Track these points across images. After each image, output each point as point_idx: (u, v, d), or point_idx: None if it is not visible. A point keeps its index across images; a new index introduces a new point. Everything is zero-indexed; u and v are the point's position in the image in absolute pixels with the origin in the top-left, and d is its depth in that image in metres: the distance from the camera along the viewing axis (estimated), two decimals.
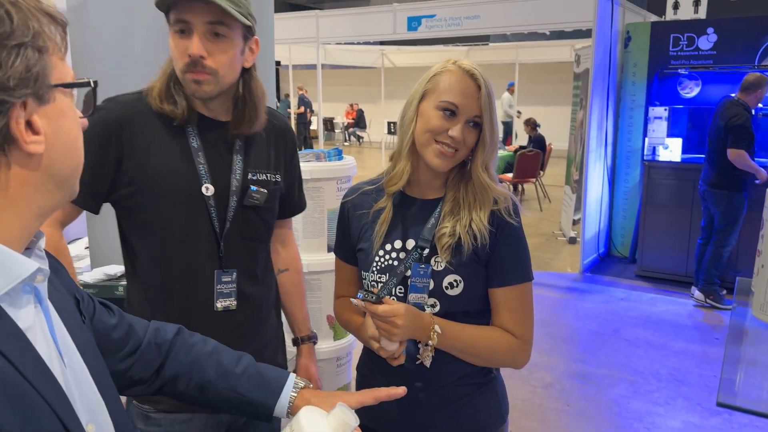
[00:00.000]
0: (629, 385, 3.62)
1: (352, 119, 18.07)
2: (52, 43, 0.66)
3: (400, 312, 1.25)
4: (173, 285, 1.43)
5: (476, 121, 1.32)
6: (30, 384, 0.63)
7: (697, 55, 5.61)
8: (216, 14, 1.31)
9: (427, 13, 6.41)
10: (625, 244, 6.24)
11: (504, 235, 1.34)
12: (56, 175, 0.69)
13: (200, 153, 1.42)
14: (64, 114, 0.68)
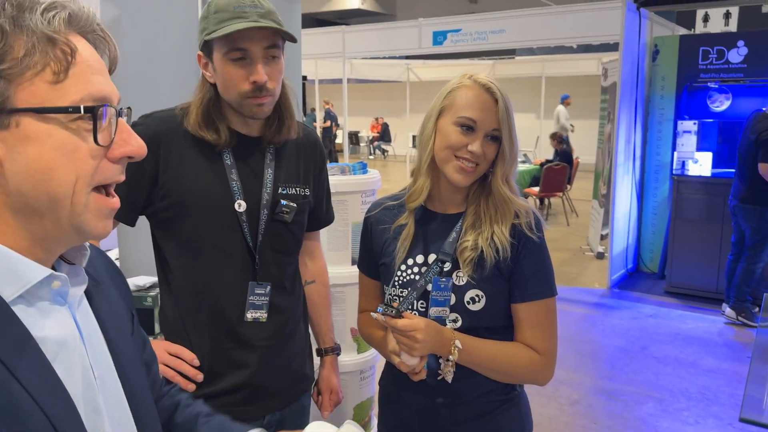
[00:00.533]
0: (658, 404, 3.55)
1: (377, 133, 18.16)
2: (34, 66, 0.64)
3: (420, 326, 1.25)
4: (205, 296, 1.46)
5: (495, 135, 1.32)
6: (24, 389, 0.63)
7: (727, 68, 5.53)
8: (272, 38, 1.37)
9: (453, 28, 6.44)
10: (654, 260, 6.14)
11: (526, 249, 1.34)
12: (28, 205, 0.66)
13: (233, 170, 1.45)
14: (32, 140, 0.65)
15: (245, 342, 1.49)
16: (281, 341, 1.54)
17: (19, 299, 0.66)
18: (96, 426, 0.72)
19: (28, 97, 0.64)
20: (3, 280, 0.65)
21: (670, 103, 5.86)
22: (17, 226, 0.67)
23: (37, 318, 0.68)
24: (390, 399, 1.51)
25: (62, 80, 0.66)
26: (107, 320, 0.80)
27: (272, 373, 1.51)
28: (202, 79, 1.45)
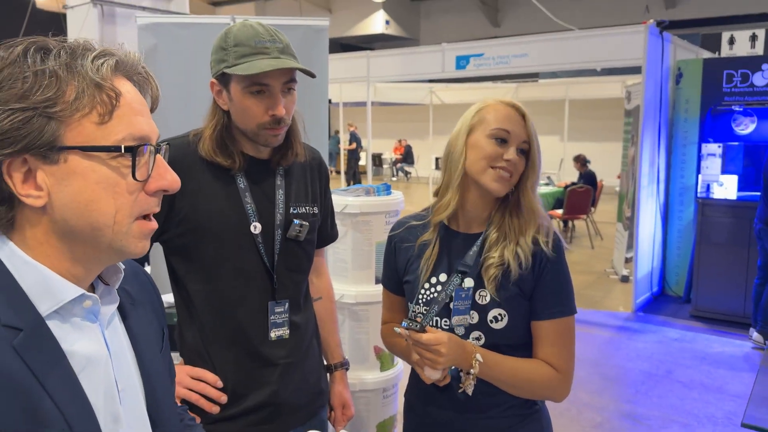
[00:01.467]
0: (682, 428, 3.51)
1: (400, 155, 18.29)
2: (82, 108, 0.71)
3: (443, 340, 1.30)
4: (226, 318, 1.49)
5: (524, 148, 1.39)
6: (50, 398, 0.70)
7: (752, 91, 5.52)
8: (290, 74, 1.43)
9: (476, 52, 6.53)
10: (679, 283, 6.08)
11: (547, 269, 1.38)
12: (72, 231, 0.74)
13: (247, 193, 1.50)
14: (77, 174, 0.72)
15: (267, 360, 1.52)
16: (299, 358, 1.58)
17: (54, 314, 0.74)
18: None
19: (76, 137, 0.72)
20: (40, 296, 0.73)
21: (694, 125, 5.85)
22: (62, 248, 0.75)
23: (69, 333, 0.75)
24: (414, 412, 1.55)
25: (107, 121, 0.73)
26: (139, 337, 0.87)
27: (293, 389, 1.55)
28: (214, 106, 1.48)
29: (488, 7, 17.06)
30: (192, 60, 3.04)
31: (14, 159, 0.70)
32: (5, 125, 0.69)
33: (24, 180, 0.71)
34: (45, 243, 0.75)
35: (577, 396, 3.92)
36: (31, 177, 0.72)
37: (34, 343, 0.71)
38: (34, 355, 0.70)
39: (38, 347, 0.71)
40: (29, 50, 0.71)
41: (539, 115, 14.70)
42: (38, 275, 0.74)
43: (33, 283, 0.73)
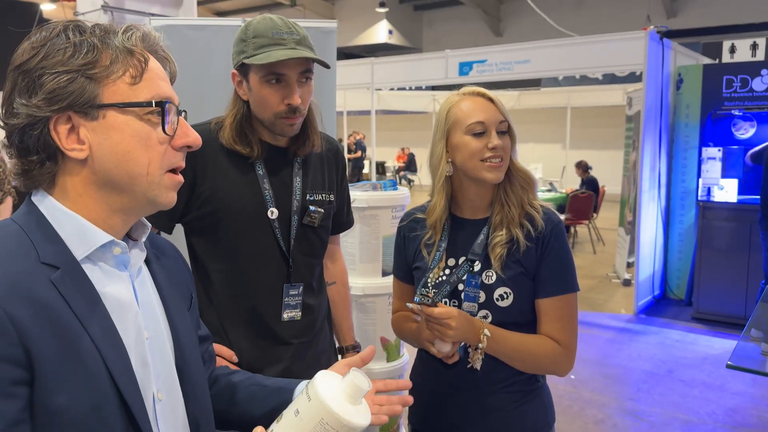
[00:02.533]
0: (684, 425, 3.55)
1: (403, 163, 18.37)
2: (117, 71, 0.82)
3: (453, 314, 1.37)
4: (243, 298, 1.57)
5: (504, 129, 1.46)
6: (90, 337, 0.78)
7: (752, 96, 5.59)
8: (306, 64, 1.48)
9: (479, 59, 6.62)
10: (680, 287, 6.13)
11: (549, 249, 1.45)
12: (112, 181, 0.83)
13: (265, 179, 1.57)
14: (114, 129, 0.82)
15: (281, 339, 1.60)
16: (312, 338, 1.66)
17: (86, 260, 0.83)
18: (143, 378, 0.85)
19: (112, 96, 0.82)
20: (75, 243, 0.82)
21: (694, 130, 5.92)
22: (99, 199, 0.85)
23: (101, 277, 0.84)
24: (421, 391, 1.61)
25: (138, 82, 0.84)
26: (167, 294, 0.96)
27: (305, 368, 1.61)
28: (235, 96, 1.56)
29: (491, 17, 17.20)
30: (204, 61, 3.13)
31: (60, 116, 0.80)
32: (52, 85, 0.79)
33: (68, 135, 0.81)
34: (84, 194, 0.84)
35: (579, 394, 3.97)
36: (74, 133, 0.82)
37: (70, 281, 0.79)
38: (70, 292, 0.78)
39: (74, 285, 0.79)
40: (68, 28, 0.83)
41: (541, 123, 14.81)
42: (74, 223, 0.83)
43: (69, 231, 0.82)
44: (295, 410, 0.86)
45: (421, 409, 1.61)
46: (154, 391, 0.87)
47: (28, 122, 0.80)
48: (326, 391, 0.85)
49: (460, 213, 1.55)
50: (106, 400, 0.78)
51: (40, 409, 0.73)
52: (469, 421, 1.49)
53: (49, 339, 0.74)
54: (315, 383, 0.86)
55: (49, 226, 0.82)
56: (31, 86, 0.79)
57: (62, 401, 0.74)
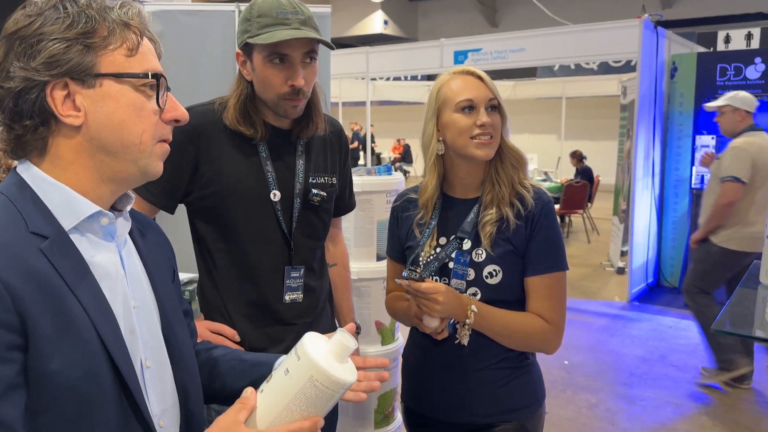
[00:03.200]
0: (676, 408, 3.59)
1: (398, 154, 18.37)
2: (114, 42, 0.84)
3: (441, 290, 1.38)
4: (245, 279, 1.57)
5: (493, 105, 1.47)
6: (80, 304, 0.79)
7: (745, 84, 5.60)
8: (310, 44, 1.46)
9: (474, 47, 6.62)
10: (674, 274, 6.17)
11: (538, 227, 1.46)
12: (105, 148, 0.85)
13: (268, 162, 1.56)
14: (110, 97, 0.84)
15: (283, 320, 1.60)
16: (314, 319, 1.66)
17: (74, 230, 0.84)
18: (132, 345, 0.86)
19: (109, 66, 0.84)
20: (62, 213, 0.83)
21: (688, 118, 5.94)
22: (91, 167, 0.86)
23: (88, 248, 0.85)
24: (412, 369, 1.63)
25: (134, 55, 0.86)
26: (150, 264, 0.97)
27: None
28: (239, 76, 1.54)
29: (486, 7, 17.16)
30: (198, 46, 3.12)
31: (57, 82, 0.82)
32: (51, 51, 0.80)
33: (64, 102, 0.82)
34: (75, 162, 0.85)
35: (573, 379, 4.00)
36: (69, 99, 0.83)
37: (59, 250, 0.80)
38: (60, 261, 0.80)
39: (63, 254, 0.81)
40: (64, 0, 0.84)
41: (536, 114, 14.81)
42: (61, 194, 0.84)
43: (56, 202, 0.84)
44: (284, 370, 0.88)
45: (412, 387, 1.63)
46: (142, 358, 0.89)
47: (24, 86, 0.81)
48: (315, 349, 0.87)
49: (452, 192, 1.56)
50: (98, 366, 0.79)
51: (35, 374, 0.75)
52: (458, 398, 1.51)
53: (41, 305, 0.75)
54: (304, 343, 0.88)
55: (36, 196, 0.83)
56: (29, 51, 0.80)
57: (56, 366, 0.75)
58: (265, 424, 0.86)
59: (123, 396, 0.82)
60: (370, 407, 2.60)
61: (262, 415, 0.86)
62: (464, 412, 1.51)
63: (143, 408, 0.85)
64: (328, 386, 0.85)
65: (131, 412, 0.84)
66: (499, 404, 1.50)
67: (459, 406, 1.51)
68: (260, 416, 0.86)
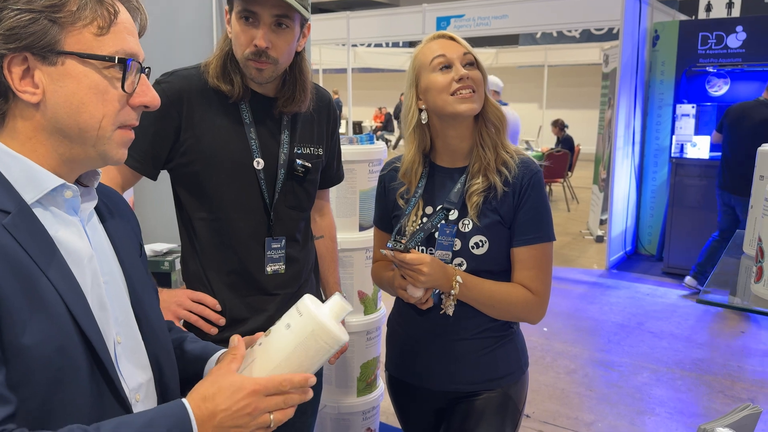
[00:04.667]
0: (652, 374, 3.68)
1: (380, 123, 18.25)
2: (83, 19, 0.79)
3: (425, 260, 1.37)
4: (226, 249, 1.55)
5: (470, 60, 1.45)
6: (49, 281, 0.77)
7: (726, 53, 5.62)
8: (283, 8, 1.41)
9: (456, 13, 6.53)
10: (652, 242, 6.26)
11: (526, 197, 1.45)
12: (62, 129, 0.81)
13: (252, 129, 1.53)
14: (72, 77, 0.79)
15: (265, 290, 1.58)
16: (297, 289, 1.64)
17: (37, 204, 0.81)
18: (102, 320, 0.85)
19: (75, 44, 0.79)
20: (24, 186, 0.80)
21: (669, 87, 5.96)
22: (49, 146, 0.82)
23: (53, 222, 0.82)
24: (396, 338, 1.63)
25: (104, 34, 0.81)
26: (117, 239, 0.95)
27: None
28: (225, 32, 1.52)
29: None
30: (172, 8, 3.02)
31: (16, 56, 0.77)
32: (12, 23, 0.76)
33: (22, 77, 0.78)
34: (33, 138, 0.81)
35: (551, 345, 4.07)
36: (29, 75, 0.79)
37: (23, 225, 0.78)
38: (24, 236, 0.77)
39: (27, 229, 0.78)
40: None
41: (518, 83, 14.72)
42: (23, 167, 0.81)
43: (18, 175, 0.80)
44: (285, 324, 0.91)
45: (396, 356, 1.63)
46: (114, 334, 0.87)
47: None
48: (317, 307, 0.92)
49: (440, 161, 1.54)
50: (69, 341, 0.78)
51: (10, 348, 0.73)
52: (442, 367, 1.52)
53: (10, 281, 0.73)
54: (305, 302, 0.93)
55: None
56: None
57: (28, 341, 0.74)
58: (264, 374, 0.87)
59: (96, 370, 0.81)
60: (352, 375, 2.61)
61: (261, 364, 0.89)
62: (448, 380, 1.52)
63: (117, 383, 0.84)
64: (326, 341, 0.90)
65: (106, 387, 0.83)
66: (483, 372, 1.51)
67: (443, 374, 1.52)
68: (258, 366, 0.89)
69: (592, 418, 3.17)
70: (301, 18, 1.47)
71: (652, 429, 3.07)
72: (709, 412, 3.24)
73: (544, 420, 3.13)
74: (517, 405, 1.55)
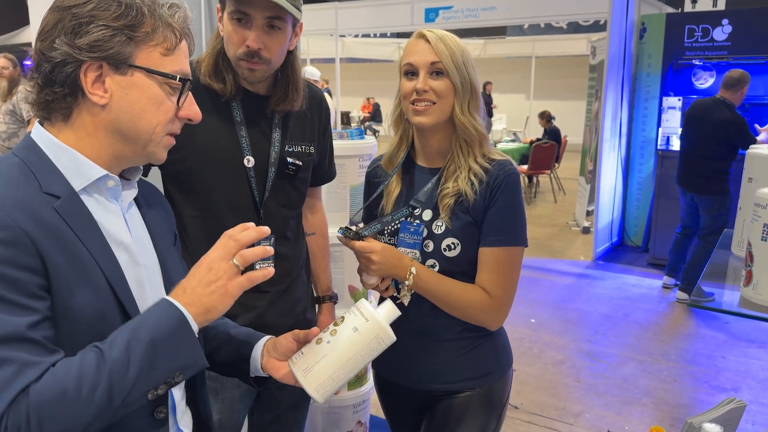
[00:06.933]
0: (639, 365, 3.73)
1: (368, 113, 18.20)
2: (155, 39, 0.92)
3: (376, 249, 1.37)
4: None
5: (438, 69, 1.40)
6: (89, 252, 0.88)
7: (712, 46, 5.67)
8: (275, 10, 1.41)
9: (445, 5, 6.51)
10: (638, 234, 6.32)
11: (497, 198, 1.41)
12: (120, 130, 0.93)
13: (243, 127, 1.53)
14: (137, 88, 0.92)
15: (255, 287, 1.57)
16: (288, 287, 1.65)
17: (83, 192, 0.93)
18: (139, 298, 0.95)
19: (145, 59, 0.92)
20: (73, 175, 0.92)
21: (656, 80, 6.00)
22: (105, 143, 0.95)
23: (96, 208, 0.94)
24: None
25: (169, 55, 0.94)
26: (153, 228, 1.05)
27: (278, 314, 1.62)
28: (217, 31, 1.52)
29: None
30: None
31: (93, 63, 0.90)
32: (97, 36, 0.88)
33: (94, 81, 0.90)
34: (93, 135, 0.93)
35: (539, 336, 4.11)
36: (100, 81, 0.91)
37: (71, 208, 0.89)
38: (72, 218, 0.88)
39: (74, 212, 0.89)
40: None
41: (506, 74, 14.71)
42: (72, 158, 0.92)
43: (67, 165, 0.92)
44: (353, 327, 1.06)
45: (381, 355, 1.63)
46: None
47: (64, 59, 0.88)
48: (378, 313, 1.08)
49: (417, 159, 1.54)
50: (109, 310, 0.89)
51: (60, 308, 0.84)
52: (420, 366, 1.51)
53: (58, 254, 0.84)
54: (368, 308, 1.09)
55: (47, 159, 0.91)
56: (77, 29, 0.87)
57: (75, 303, 0.85)
58: (334, 369, 1.04)
59: None
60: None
61: (331, 360, 1.04)
62: (427, 379, 1.51)
63: None
64: (387, 343, 1.08)
65: None
66: (462, 372, 1.49)
67: (422, 373, 1.51)
68: (328, 361, 1.04)
69: (579, 409, 3.21)
70: (293, 18, 1.47)
71: (638, 419, 3.12)
72: (695, 402, 3.29)
73: (532, 411, 3.17)
74: (498, 402, 1.53)
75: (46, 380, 0.79)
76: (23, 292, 0.80)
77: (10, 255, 0.79)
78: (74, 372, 0.80)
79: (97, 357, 0.82)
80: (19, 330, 0.78)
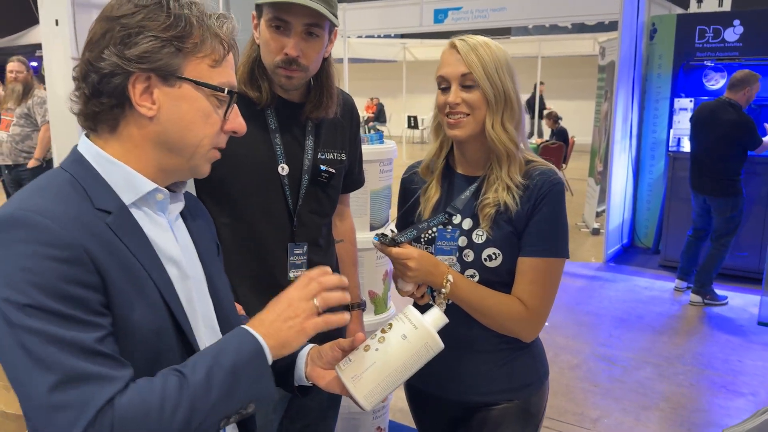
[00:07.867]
0: (655, 369, 3.71)
1: (372, 113, 18.18)
2: (203, 51, 0.90)
3: (412, 255, 1.34)
4: (250, 254, 1.55)
5: (469, 83, 1.37)
6: (141, 265, 0.87)
7: (723, 47, 5.64)
8: (314, 17, 1.40)
9: (454, 6, 6.49)
10: (648, 235, 6.30)
11: (539, 208, 1.39)
12: (167, 142, 0.91)
13: (277, 134, 1.53)
14: (185, 100, 0.90)
15: None
16: None
17: (133, 206, 0.92)
18: (190, 312, 0.95)
19: (193, 71, 0.90)
20: (123, 189, 0.91)
21: (666, 81, 5.97)
22: (151, 155, 0.93)
23: (146, 222, 0.93)
24: None
25: (217, 67, 0.92)
26: (198, 240, 1.04)
27: None
28: (252, 39, 1.51)
29: None
30: None
31: (141, 74, 0.87)
32: (146, 47, 0.86)
33: (142, 93, 0.89)
34: (139, 147, 0.91)
35: (554, 340, 4.09)
36: (148, 92, 0.89)
37: (123, 224, 0.88)
38: (125, 234, 0.87)
39: (127, 227, 0.89)
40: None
41: None
42: (122, 172, 0.91)
43: (117, 179, 0.91)
44: (402, 335, 1.05)
45: None
46: (201, 326, 0.98)
47: (111, 71, 0.86)
48: (426, 321, 1.07)
49: (456, 167, 1.53)
50: (165, 327, 0.89)
51: (120, 322, 0.83)
52: (457, 377, 1.49)
53: (116, 270, 0.84)
54: (416, 315, 1.08)
55: (97, 174, 0.90)
56: (126, 40, 0.86)
57: (135, 318, 0.85)
58: (383, 377, 1.03)
59: (186, 356, 0.89)
60: None
61: (380, 367, 1.03)
62: (464, 390, 1.49)
63: None
64: (435, 350, 1.07)
65: None
66: (499, 383, 1.47)
67: (459, 385, 1.50)
68: (378, 369, 1.03)
69: (597, 414, 3.19)
70: (330, 25, 1.46)
71: (657, 424, 3.10)
72: (713, 407, 3.27)
73: (550, 416, 3.15)
74: (536, 415, 1.51)
75: (130, 395, 0.78)
76: (88, 309, 0.80)
77: (75, 274, 0.79)
78: (158, 391, 0.80)
79: (180, 379, 0.82)
80: (89, 344, 0.78)
